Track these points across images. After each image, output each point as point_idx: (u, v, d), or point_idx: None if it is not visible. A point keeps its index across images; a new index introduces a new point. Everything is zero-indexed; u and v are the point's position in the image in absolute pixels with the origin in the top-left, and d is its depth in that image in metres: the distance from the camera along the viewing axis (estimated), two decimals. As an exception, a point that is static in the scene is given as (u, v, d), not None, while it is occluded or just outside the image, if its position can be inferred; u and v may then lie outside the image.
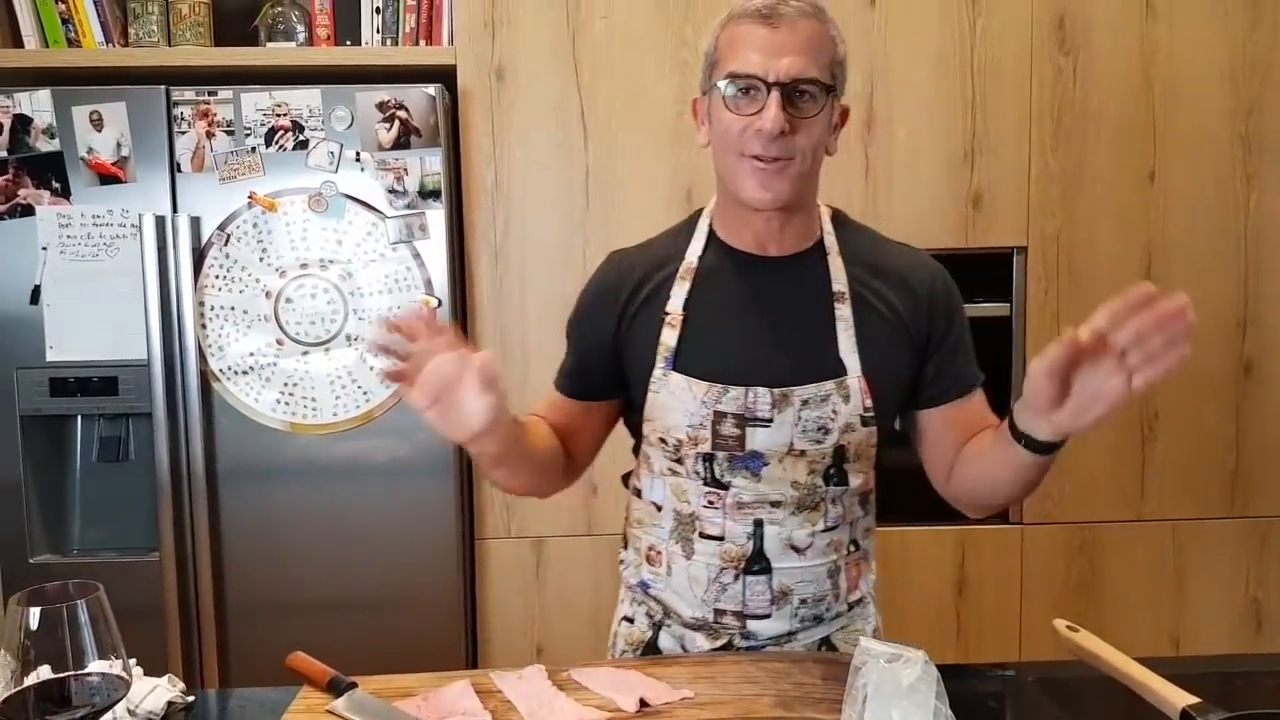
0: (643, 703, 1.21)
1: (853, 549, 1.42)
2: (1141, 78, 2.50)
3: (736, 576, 1.37)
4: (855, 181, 2.49)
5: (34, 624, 0.94)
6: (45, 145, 2.28)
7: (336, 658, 1.31)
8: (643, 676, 1.28)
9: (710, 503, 1.36)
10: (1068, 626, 1.32)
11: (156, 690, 1.26)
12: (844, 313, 1.34)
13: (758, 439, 1.32)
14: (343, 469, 2.39)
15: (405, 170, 2.32)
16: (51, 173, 2.28)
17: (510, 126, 2.47)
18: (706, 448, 1.33)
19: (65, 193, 2.29)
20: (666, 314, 1.35)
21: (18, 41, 2.42)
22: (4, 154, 2.27)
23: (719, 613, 1.38)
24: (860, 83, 2.46)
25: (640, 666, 1.32)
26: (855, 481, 1.38)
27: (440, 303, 2.36)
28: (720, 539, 1.36)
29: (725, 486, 1.35)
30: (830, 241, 1.38)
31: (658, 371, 1.35)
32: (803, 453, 1.33)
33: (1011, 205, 2.51)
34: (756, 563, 1.36)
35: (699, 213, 1.44)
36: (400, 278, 2.35)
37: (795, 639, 1.40)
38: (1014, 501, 1.39)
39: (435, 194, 2.34)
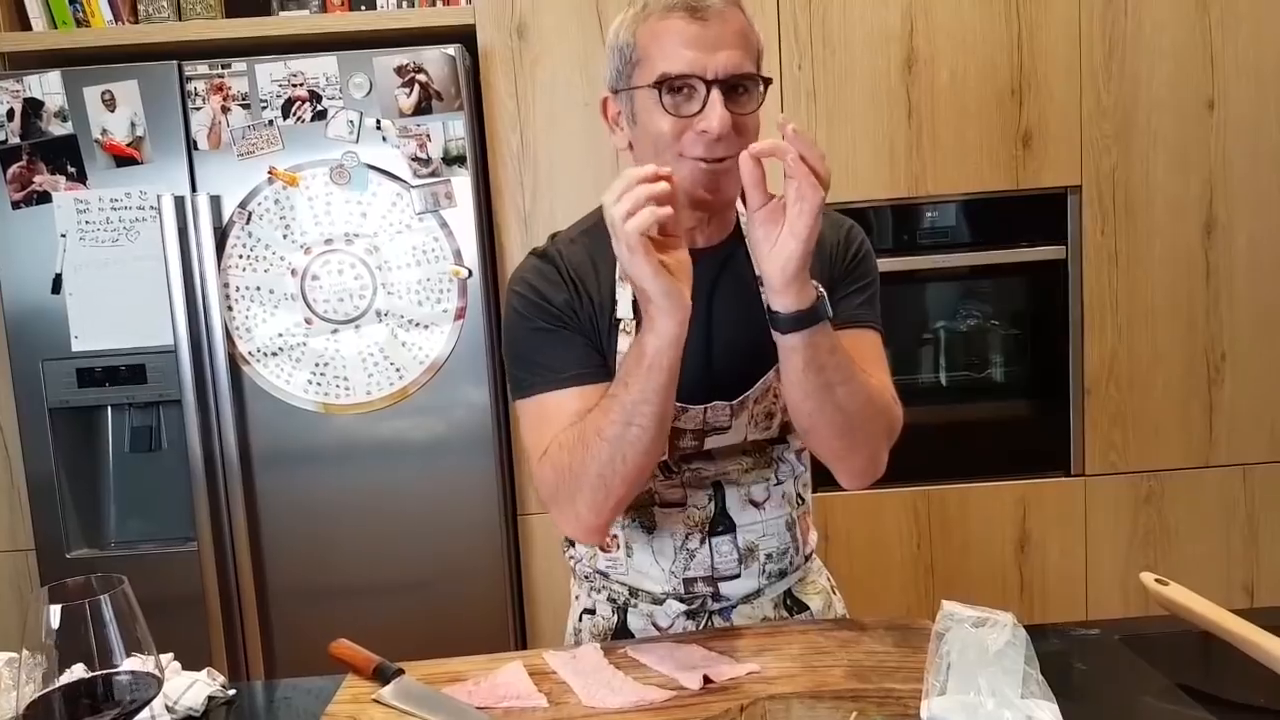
0: (707, 679, 1.14)
1: (800, 502, 1.42)
2: (1196, 1, 2.37)
3: (703, 540, 1.35)
4: (898, 125, 2.38)
5: (55, 622, 0.87)
6: (58, 129, 2.21)
7: (382, 641, 1.27)
8: (704, 651, 1.22)
9: (665, 478, 1.33)
10: (1156, 580, 1.23)
11: (195, 685, 1.21)
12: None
13: (714, 441, 1.32)
14: (379, 449, 2.33)
15: (428, 137, 2.24)
16: (66, 157, 2.21)
17: (534, 87, 2.38)
18: (663, 458, 1.29)
19: (81, 177, 2.23)
20: (619, 320, 1.27)
21: (25, 24, 2.36)
22: (17, 140, 2.21)
23: (689, 581, 1.36)
24: (899, 21, 2.35)
25: (701, 640, 1.25)
26: (796, 442, 1.38)
27: (470, 273, 2.28)
28: (681, 505, 1.34)
29: (679, 472, 1.33)
30: (745, 222, 1.31)
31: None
32: (754, 441, 1.34)
33: (1064, 143, 2.40)
34: (720, 523, 1.35)
35: None
36: (428, 249, 2.28)
37: (763, 595, 1.39)
38: (818, 426, 1.23)
39: (460, 160, 2.26)
